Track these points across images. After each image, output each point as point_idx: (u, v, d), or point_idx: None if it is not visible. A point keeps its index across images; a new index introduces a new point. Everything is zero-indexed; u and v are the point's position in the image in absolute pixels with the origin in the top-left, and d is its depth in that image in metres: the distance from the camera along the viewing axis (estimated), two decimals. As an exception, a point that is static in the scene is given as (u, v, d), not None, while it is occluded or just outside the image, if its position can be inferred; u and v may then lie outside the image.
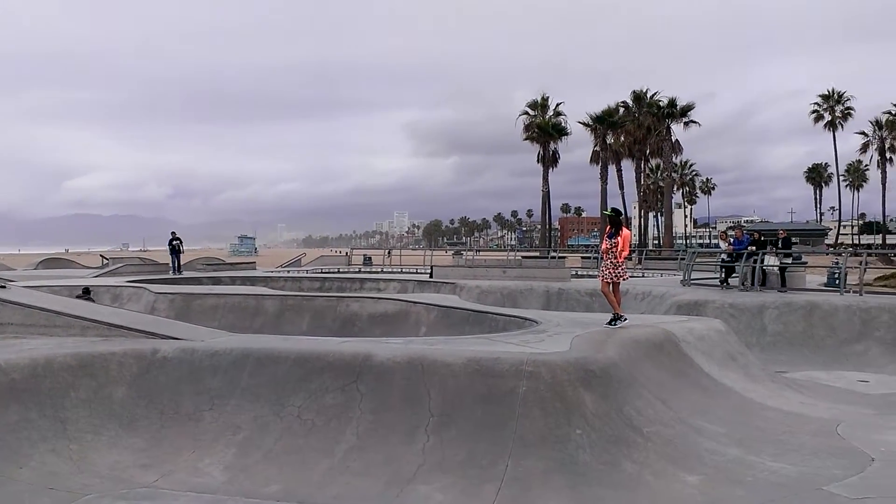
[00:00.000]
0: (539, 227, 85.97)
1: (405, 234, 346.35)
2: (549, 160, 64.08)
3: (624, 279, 9.90)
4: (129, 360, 7.66)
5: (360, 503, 5.73)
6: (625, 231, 9.76)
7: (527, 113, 65.09)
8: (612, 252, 9.62)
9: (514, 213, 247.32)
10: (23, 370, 7.05)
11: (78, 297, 15.77)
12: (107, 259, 39.13)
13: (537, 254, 58.05)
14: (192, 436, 6.87)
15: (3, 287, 10.40)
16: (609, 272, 9.65)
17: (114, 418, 7.04)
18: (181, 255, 29.29)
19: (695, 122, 62.05)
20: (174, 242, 29.05)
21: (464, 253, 55.75)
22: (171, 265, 28.88)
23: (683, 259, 24.80)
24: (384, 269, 36.80)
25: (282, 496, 5.88)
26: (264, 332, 13.89)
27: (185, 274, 28.28)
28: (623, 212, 65.85)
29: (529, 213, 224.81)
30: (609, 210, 10.16)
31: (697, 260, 23.83)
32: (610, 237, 9.69)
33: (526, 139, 64.44)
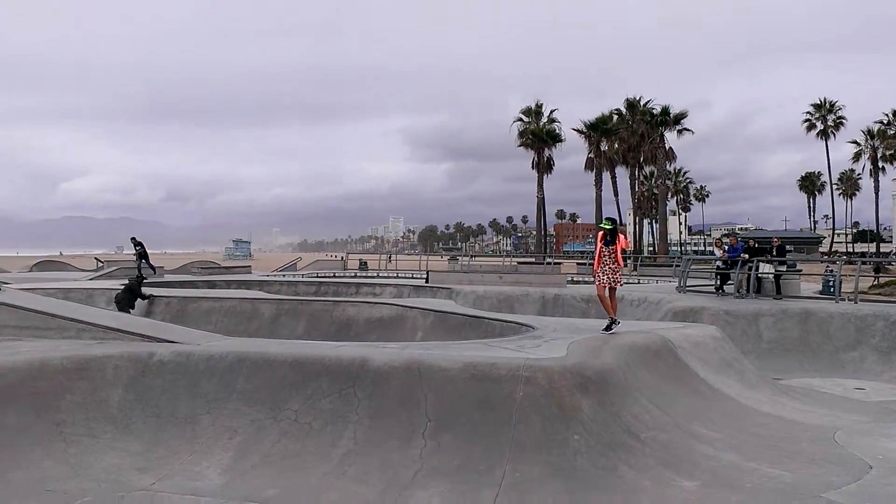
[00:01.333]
0: (534, 233, 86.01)
1: (400, 239, 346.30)
2: (543, 167, 64.20)
3: (620, 284, 9.96)
4: (125, 364, 7.63)
5: (358, 508, 5.71)
6: (621, 237, 9.85)
7: (521, 119, 65.27)
8: (609, 258, 9.69)
9: (510, 219, 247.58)
10: (18, 372, 7.02)
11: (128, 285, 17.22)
12: (101, 262, 39.02)
13: (533, 260, 58.10)
14: (188, 439, 6.84)
15: (-1, 289, 10.36)
16: (607, 277, 9.71)
17: (110, 421, 7.00)
18: (147, 257, 27.59)
19: (688, 129, 62.47)
20: (137, 248, 27.24)
21: (459, 258, 55.80)
22: (150, 268, 26.99)
23: (679, 266, 24.86)
24: (380, 274, 36.79)
25: (279, 500, 5.86)
26: (260, 336, 13.88)
27: (182, 277, 28.14)
28: (619, 219, 66.07)
29: (524, 219, 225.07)
30: (606, 222, 10.06)
31: (693, 267, 23.90)
32: (607, 244, 9.74)
33: (520, 146, 64.61)
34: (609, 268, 9.68)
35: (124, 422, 7.04)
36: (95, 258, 46.68)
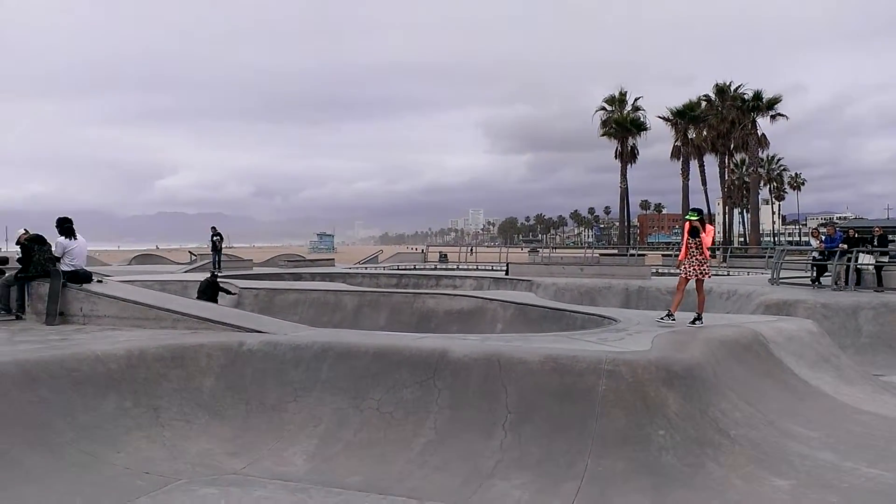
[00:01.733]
0: (617, 224, 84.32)
1: (480, 232, 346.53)
2: (627, 156, 62.84)
3: (707, 277, 9.78)
4: (217, 352, 7.95)
5: (439, 497, 5.76)
6: (708, 227, 9.73)
7: (604, 108, 64.06)
8: (696, 249, 9.57)
9: (591, 210, 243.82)
10: (119, 360, 7.42)
11: (209, 280, 16.83)
12: (194, 255, 40.71)
13: (616, 251, 57.01)
14: (276, 426, 7.07)
15: (100, 282, 10.98)
16: (693, 269, 9.60)
17: (203, 408, 7.32)
18: (221, 252, 25.75)
19: (782, 115, 59.69)
20: (214, 238, 25.51)
21: (540, 250, 55.36)
22: (217, 264, 24.88)
23: (772, 257, 23.88)
24: (460, 266, 36.94)
25: (362, 487, 5.97)
26: (343, 326, 14.17)
27: (269, 270, 29.02)
28: (707, 209, 63.99)
29: (607, 210, 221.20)
30: (692, 213, 9.86)
31: (787, 258, 22.89)
32: (693, 235, 9.62)
33: (603, 135, 63.43)
34: (696, 259, 9.61)
35: (216, 408, 7.34)
36: (189, 251, 48.80)
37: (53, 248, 10.56)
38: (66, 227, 10.86)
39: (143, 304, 9.72)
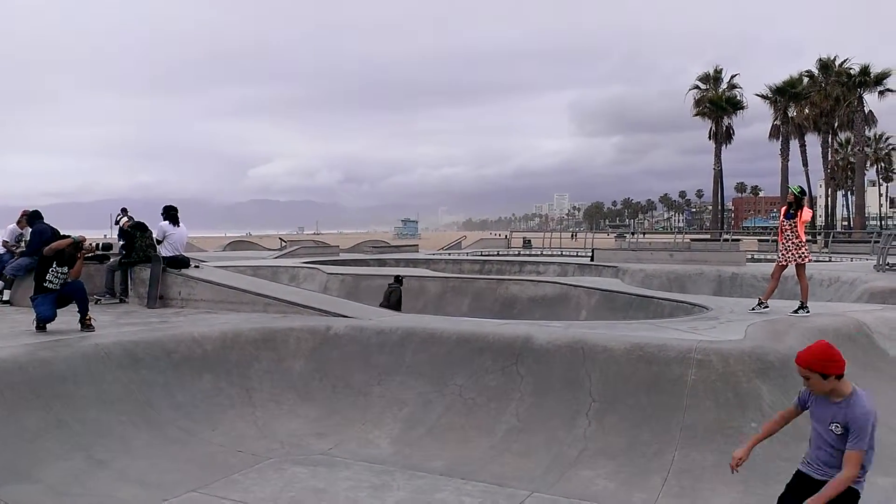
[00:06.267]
0: (710, 207, 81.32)
1: (565, 217, 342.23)
2: (721, 136, 60.60)
3: (805, 261, 9.28)
4: (306, 336, 8.18)
5: (523, 484, 5.74)
6: (807, 210, 9.23)
7: (697, 87, 61.88)
8: (791, 232, 9.12)
9: (683, 194, 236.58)
10: (214, 342, 7.76)
11: (391, 284, 15.77)
12: (285, 242, 42.06)
13: (708, 236, 55.11)
14: (361, 409, 7.22)
15: (197, 267, 11.49)
16: (791, 253, 9.16)
17: (292, 389, 7.55)
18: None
19: (891, 90, 55.96)
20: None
21: (627, 235, 54.15)
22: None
23: (878, 242, 22.47)
24: (544, 252, 36.62)
25: (445, 471, 6.02)
26: (427, 312, 14.31)
27: (355, 256, 29.56)
28: (808, 191, 60.91)
29: (699, 194, 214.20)
30: (797, 188, 9.52)
31: (894, 243, 21.48)
32: (788, 217, 9.19)
33: (696, 115, 61.36)
34: (792, 243, 9.16)
35: (304, 390, 7.56)
36: (280, 238, 50.47)
37: (155, 233, 11.14)
38: (171, 213, 11.46)
39: (237, 289, 10.11)
